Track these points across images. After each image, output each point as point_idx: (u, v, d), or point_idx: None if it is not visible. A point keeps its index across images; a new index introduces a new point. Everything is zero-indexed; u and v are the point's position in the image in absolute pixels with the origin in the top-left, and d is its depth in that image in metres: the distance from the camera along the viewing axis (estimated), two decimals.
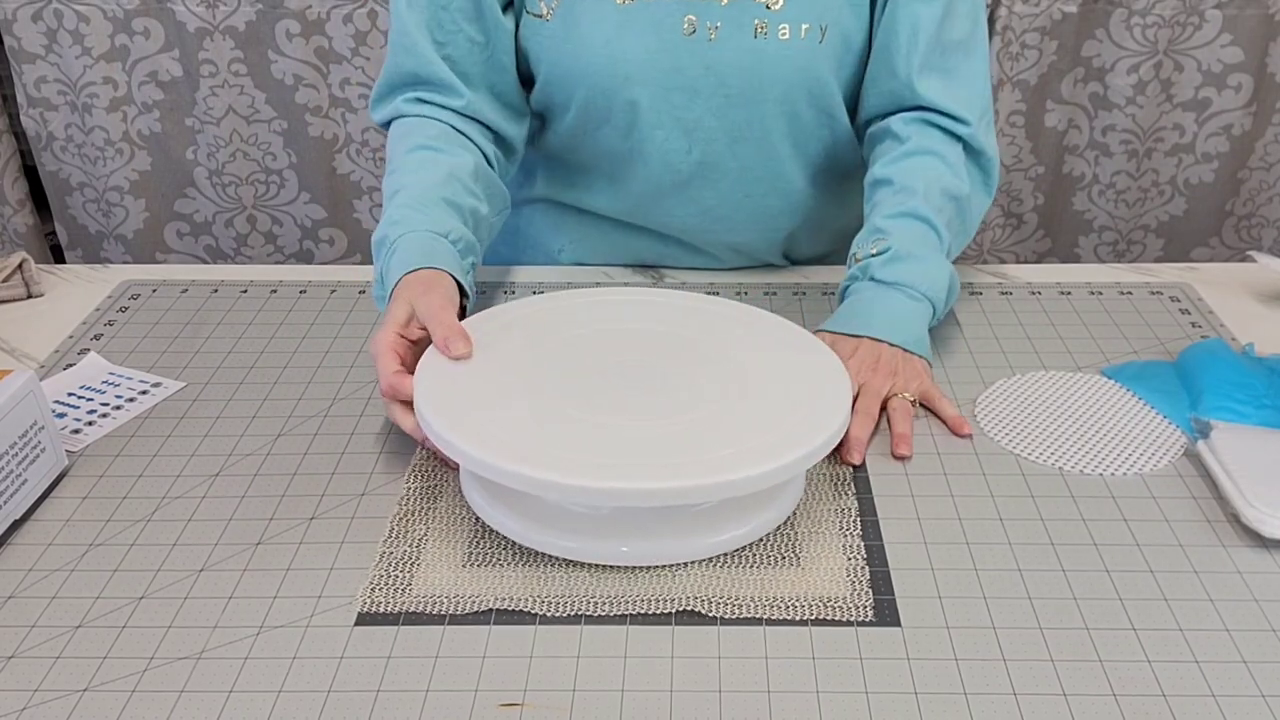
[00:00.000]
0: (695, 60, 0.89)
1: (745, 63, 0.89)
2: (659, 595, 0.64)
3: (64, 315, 0.96)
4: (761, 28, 0.88)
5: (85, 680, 0.59)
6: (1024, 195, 1.86)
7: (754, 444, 0.64)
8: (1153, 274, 1.01)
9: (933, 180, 0.89)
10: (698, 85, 0.90)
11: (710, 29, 0.88)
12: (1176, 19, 1.68)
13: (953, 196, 0.90)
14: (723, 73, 0.89)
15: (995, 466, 0.75)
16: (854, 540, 0.68)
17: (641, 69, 0.89)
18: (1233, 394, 0.78)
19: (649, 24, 0.88)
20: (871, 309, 0.85)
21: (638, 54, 0.89)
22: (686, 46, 0.89)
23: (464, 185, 0.89)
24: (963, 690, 0.58)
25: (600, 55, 0.89)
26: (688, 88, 0.90)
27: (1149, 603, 0.63)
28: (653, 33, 0.88)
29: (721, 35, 0.88)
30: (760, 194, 0.97)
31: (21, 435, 0.70)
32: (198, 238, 1.91)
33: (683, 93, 0.91)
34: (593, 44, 0.89)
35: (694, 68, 0.89)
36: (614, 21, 0.88)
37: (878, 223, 0.88)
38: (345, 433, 0.79)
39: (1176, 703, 0.57)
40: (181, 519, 0.71)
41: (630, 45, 0.89)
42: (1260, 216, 1.85)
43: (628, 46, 0.89)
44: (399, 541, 0.68)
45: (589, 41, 0.89)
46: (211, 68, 1.74)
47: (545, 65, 0.92)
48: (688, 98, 0.91)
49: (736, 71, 0.89)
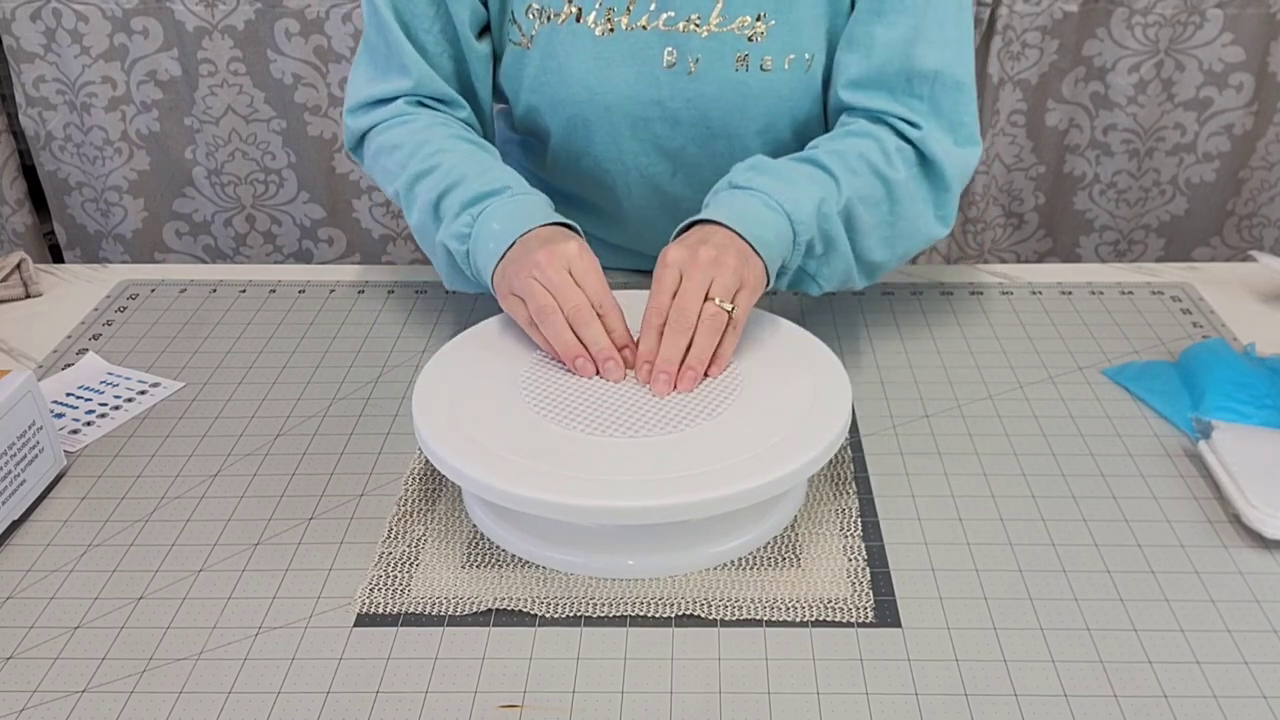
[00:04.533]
0: (676, 93, 0.88)
1: (727, 95, 0.87)
2: (659, 598, 0.63)
3: (62, 315, 0.96)
4: (742, 60, 0.86)
5: (84, 681, 0.59)
6: (1025, 195, 1.86)
7: (755, 454, 0.64)
8: (1154, 274, 1.01)
9: (852, 147, 0.81)
10: (679, 117, 0.89)
11: (691, 61, 0.86)
12: (1177, 18, 1.68)
13: (876, 171, 0.81)
14: (704, 105, 0.88)
15: (995, 466, 0.75)
16: (854, 541, 0.68)
17: (621, 100, 0.88)
18: (1234, 394, 0.78)
19: (628, 56, 0.87)
20: (717, 203, 0.77)
21: (617, 86, 0.88)
22: (667, 79, 0.87)
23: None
24: (963, 691, 0.57)
25: (579, 86, 0.88)
26: (669, 119, 0.89)
27: (1150, 603, 0.63)
28: (632, 65, 0.87)
29: (702, 68, 0.86)
30: None
31: (20, 435, 0.70)
32: (196, 237, 1.91)
33: (664, 123, 0.89)
34: (572, 75, 0.88)
35: (675, 100, 0.88)
36: (592, 53, 0.87)
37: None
38: (344, 433, 0.79)
39: (1178, 704, 0.57)
40: (180, 519, 0.71)
41: (610, 77, 0.87)
42: (1262, 216, 1.85)
43: (607, 78, 0.87)
44: (398, 542, 0.68)
45: (568, 72, 0.88)
46: (210, 67, 1.74)
47: (525, 93, 0.91)
48: (669, 128, 0.90)
49: (718, 104, 0.88)
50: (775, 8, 0.85)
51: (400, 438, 0.78)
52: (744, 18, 0.85)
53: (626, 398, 0.70)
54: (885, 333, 0.91)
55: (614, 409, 0.68)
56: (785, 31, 0.86)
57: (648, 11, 0.85)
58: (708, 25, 0.85)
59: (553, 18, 0.86)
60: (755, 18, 0.85)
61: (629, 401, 0.69)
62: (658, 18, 0.86)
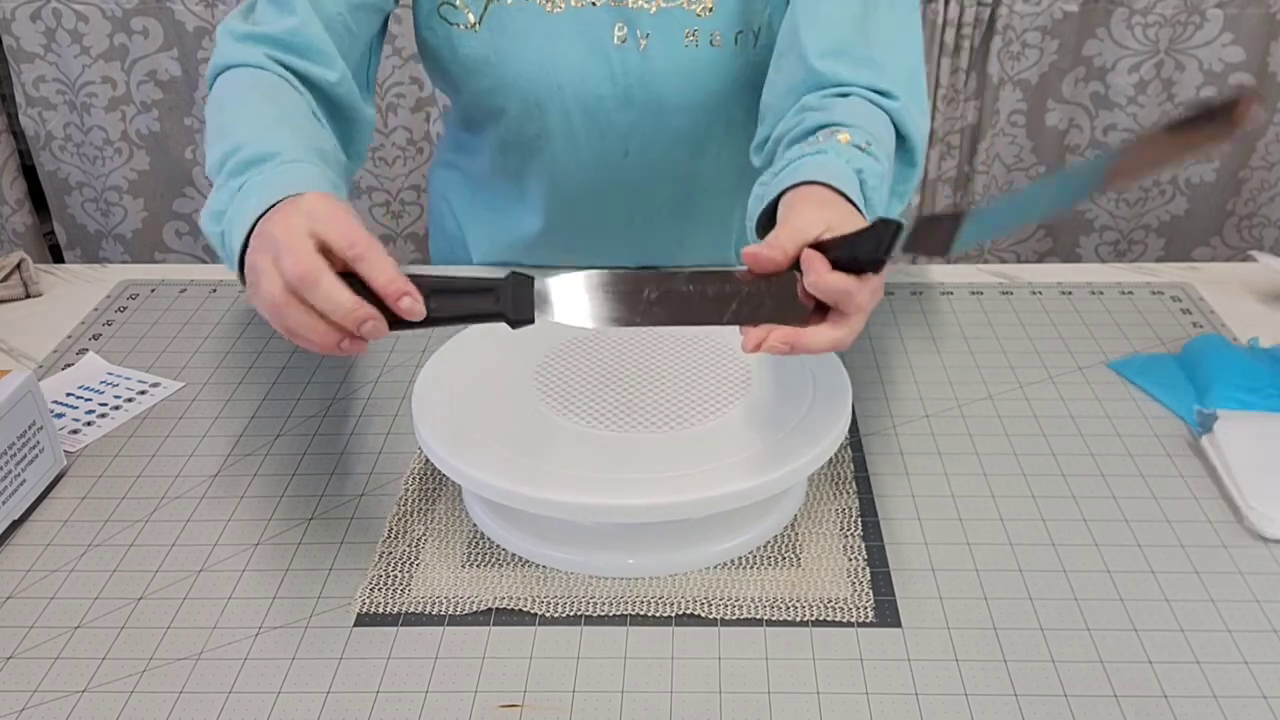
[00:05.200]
0: (627, 70, 0.87)
1: (678, 71, 0.87)
2: (659, 597, 0.63)
3: (62, 315, 0.96)
4: (692, 36, 0.85)
5: (84, 681, 0.59)
6: None
7: (755, 453, 0.64)
8: (1154, 274, 1.01)
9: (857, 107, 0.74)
10: (631, 94, 0.89)
11: (641, 37, 0.86)
12: (1178, 18, 1.68)
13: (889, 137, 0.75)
14: (654, 83, 0.88)
15: (995, 466, 0.75)
16: (854, 541, 0.68)
17: (574, 78, 0.88)
18: (1239, 382, 0.79)
19: (579, 33, 0.86)
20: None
21: (569, 63, 0.87)
22: (619, 56, 0.87)
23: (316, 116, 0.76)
24: (963, 691, 0.57)
25: (531, 64, 0.87)
26: (620, 96, 0.89)
27: (1150, 603, 0.63)
28: (583, 42, 0.87)
29: (651, 45, 0.86)
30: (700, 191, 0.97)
31: (20, 435, 0.70)
32: (196, 237, 1.90)
33: (616, 100, 0.89)
34: (523, 54, 0.87)
35: (626, 77, 0.88)
36: (544, 30, 0.86)
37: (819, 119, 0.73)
38: (344, 433, 0.79)
39: (1178, 703, 0.57)
40: (180, 519, 0.71)
41: (561, 54, 0.87)
42: (1262, 216, 1.85)
43: (559, 56, 0.87)
44: (398, 542, 0.68)
45: (519, 51, 0.87)
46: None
47: (475, 75, 0.89)
48: (621, 105, 0.89)
49: (669, 81, 0.88)
50: None
51: (400, 438, 0.78)
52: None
53: (627, 396, 0.70)
54: (885, 333, 0.91)
55: (614, 408, 0.68)
56: (735, 6, 0.85)
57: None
58: (656, 1, 0.85)
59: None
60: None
61: (629, 401, 0.69)
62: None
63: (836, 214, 0.62)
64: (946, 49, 1.72)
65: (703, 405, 0.68)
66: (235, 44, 0.78)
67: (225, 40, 0.79)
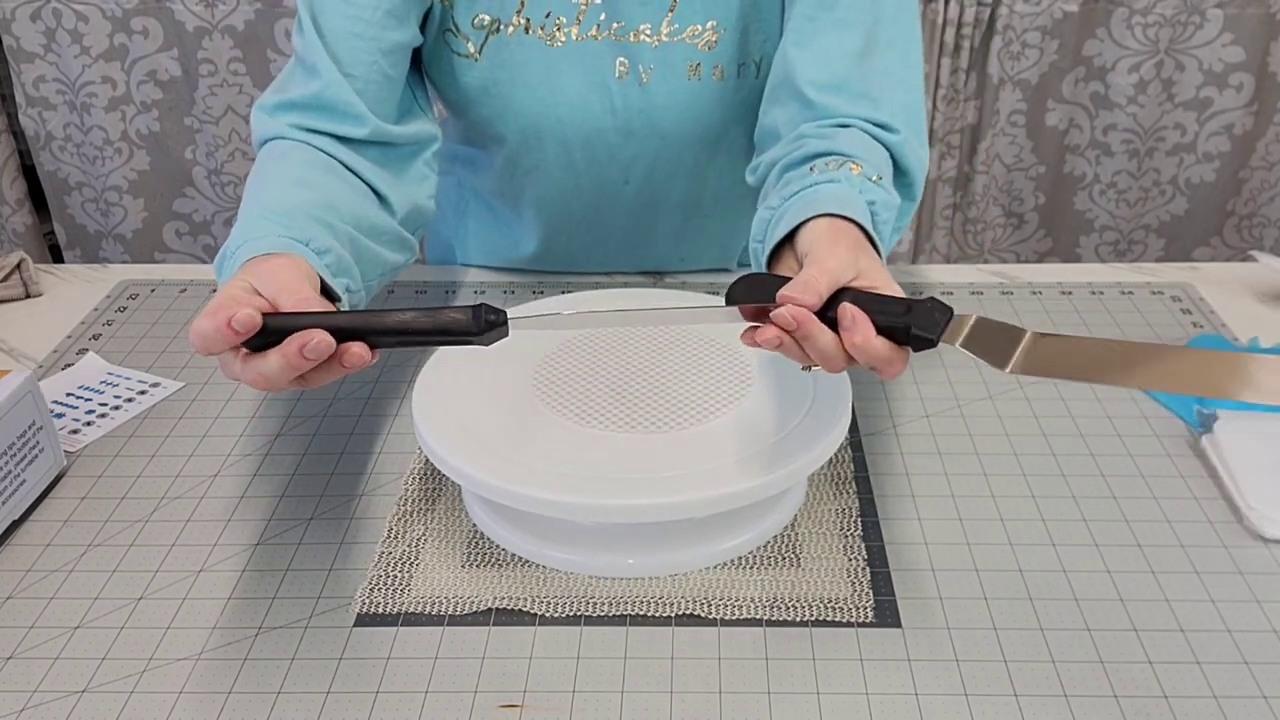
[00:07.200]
0: (629, 103, 0.87)
1: (680, 105, 0.87)
2: (659, 597, 0.63)
3: (62, 315, 0.96)
4: (694, 69, 0.85)
5: (84, 681, 0.59)
6: (1025, 195, 1.86)
7: (755, 453, 0.64)
8: (1154, 274, 1.01)
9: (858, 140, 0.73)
10: (632, 127, 0.88)
11: (644, 72, 0.85)
12: (1177, 18, 1.68)
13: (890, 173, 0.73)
14: (656, 116, 0.87)
15: (995, 466, 0.75)
16: (855, 541, 0.68)
17: (574, 112, 0.87)
18: None
19: (580, 67, 0.86)
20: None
21: (570, 98, 0.87)
22: (620, 90, 0.86)
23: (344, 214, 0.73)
24: (963, 691, 0.57)
25: (531, 97, 0.87)
26: (622, 129, 0.88)
27: (1150, 603, 0.63)
28: (584, 76, 0.86)
29: (655, 78, 0.86)
30: (702, 217, 0.97)
31: (20, 435, 0.70)
32: (196, 237, 1.91)
33: (617, 134, 0.88)
34: (524, 87, 0.86)
35: (627, 110, 0.87)
36: (544, 64, 0.85)
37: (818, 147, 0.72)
38: (344, 433, 0.79)
39: (1178, 704, 0.57)
40: (180, 519, 0.71)
41: (561, 88, 0.86)
42: (1262, 216, 1.85)
43: (559, 89, 0.86)
44: (398, 542, 0.68)
45: (519, 85, 0.86)
46: (210, 67, 1.74)
47: (474, 105, 0.89)
48: (622, 139, 0.89)
49: (670, 114, 0.87)
50: (725, 16, 0.84)
51: (400, 438, 0.78)
52: (695, 26, 0.84)
53: (627, 397, 0.70)
54: None
55: (614, 408, 0.68)
56: (737, 39, 0.85)
57: (597, 22, 0.84)
58: (658, 35, 0.84)
59: (501, 29, 0.85)
60: (706, 26, 0.84)
61: (629, 400, 0.69)
62: (608, 27, 0.84)
63: (867, 260, 0.61)
64: (946, 49, 1.72)
65: (703, 405, 0.68)
66: (266, 118, 0.80)
67: (258, 116, 0.81)
